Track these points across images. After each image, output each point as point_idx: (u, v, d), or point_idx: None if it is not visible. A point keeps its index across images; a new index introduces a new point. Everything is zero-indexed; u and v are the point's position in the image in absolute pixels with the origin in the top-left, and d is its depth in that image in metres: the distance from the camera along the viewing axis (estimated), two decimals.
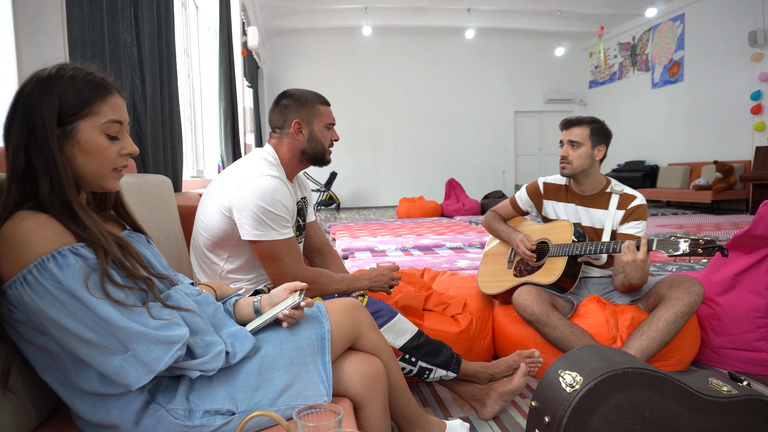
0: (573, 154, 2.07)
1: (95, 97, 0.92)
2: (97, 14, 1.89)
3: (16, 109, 0.89)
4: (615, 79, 10.97)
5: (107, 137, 0.94)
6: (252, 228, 1.49)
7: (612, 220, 2.07)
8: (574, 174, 2.10)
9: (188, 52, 4.87)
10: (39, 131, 0.88)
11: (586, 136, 2.07)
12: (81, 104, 0.91)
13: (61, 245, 0.85)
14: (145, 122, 2.43)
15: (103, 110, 0.93)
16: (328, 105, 1.72)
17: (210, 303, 1.07)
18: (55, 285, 0.83)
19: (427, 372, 1.62)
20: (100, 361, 0.86)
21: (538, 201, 2.27)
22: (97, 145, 0.93)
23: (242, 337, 1.01)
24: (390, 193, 11.41)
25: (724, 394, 1.11)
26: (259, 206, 1.47)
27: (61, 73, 0.91)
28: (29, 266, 0.83)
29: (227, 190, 1.53)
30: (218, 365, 0.95)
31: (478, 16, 9.97)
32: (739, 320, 1.99)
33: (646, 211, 2.06)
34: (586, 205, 2.14)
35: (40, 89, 0.89)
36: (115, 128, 0.95)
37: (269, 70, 10.83)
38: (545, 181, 2.26)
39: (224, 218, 1.54)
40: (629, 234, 2.02)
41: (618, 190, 2.10)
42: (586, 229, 2.12)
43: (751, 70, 7.72)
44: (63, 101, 0.89)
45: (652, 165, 9.59)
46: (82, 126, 0.91)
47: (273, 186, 1.50)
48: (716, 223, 6.38)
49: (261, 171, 1.53)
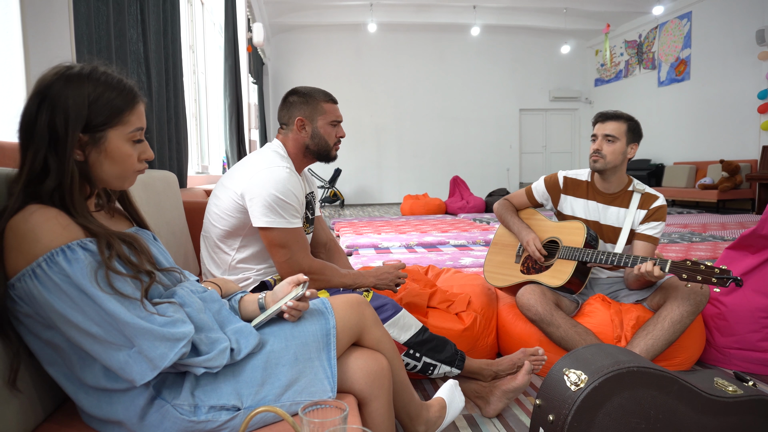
0: (607, 149, 2.02)
1: (126, 107, 0.94)
2: (103, 10, 1.90)
3: (41, 108, 0.88)
4: (621, 77, 10.92)
5: (132, 143, 0.97)
6: (262, 215, 1.54)
7: (632, 218, 2.03)
8: (605, 169, 2.04)
9: (194, 49, 4.88)
10: (60, 137, 0.88)
11: (622, 132, 2.03)
12: (112, 115, 0.92)
13: (71, 239, 0.86)
14: (151, 118, 2.44)
15: (131, 119, 0.96)
16: (334, 102, 1.74)
17: (215, 300, 1.07)
18: (63, 279, 0.83)
19: (432, 368, 1.62)
20: (105, 356, 0.86)
21: (556, 195, 2.22)
22: (124, 153, 0.96)
23: (247, 333, 1.02)
24: (394, 190, 11.41)
25: (730, 394, 1.11)
26: (271, 194, 1.53)
27: (93, 76, 0.91)
28: (38, 260, 0.83)
29: (241, 180, 1.58)
30: (223, 362, 0.95)
31: (483, 13, 9.94)
32: (744, 320, 1.99)
33: (666, 212, 2.03)
34: (607, 203, 2.10)
35: (68, 92, 0.88)
36: (139, 135, 0.98)
37: (274, 66, 10.83)
38: (566, 176, 2.20)
39: (237, 207, 1.59)
40: (647, 234, 1.99)
41: (640, 189, 2.06)
42: (604, 227, 2.08)
43: (758, 68, 7.66)
44: (94, 110, 0.90)
45: (657, 164, 9.55)
46: (111, 135, 0.93)
47: (285, 176, 1.56)
48: (722, 223, 6.35)
49: (274, 162, 1.60)
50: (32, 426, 0.93)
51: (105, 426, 0.94)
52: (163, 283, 1.00)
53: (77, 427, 0.97)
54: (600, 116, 2.09)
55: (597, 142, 2.05)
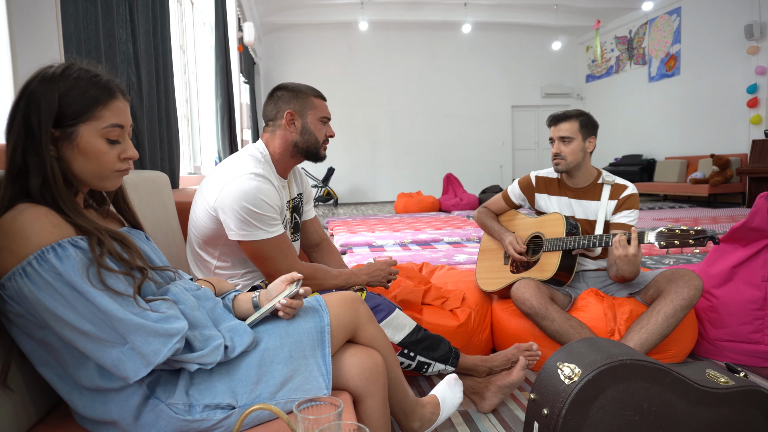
0: (566, 150, 2.06)
1: (98, 102, 0.92)
2: (91, 10, 1.88)
3: (18, 107, 0.89)
4: (612, 73, 10.96)
5: (107, 141, 0.94)
6: (238, 229, 1.47)
7: (605, 210, 2.07)
8: (568, 169, 2.09)
9: (184, 48, 4.85)
10: (35, 133, 0.88)
11: (576, 130, 2.06)
12: (83, 108, 0.91)
13: (61, 237, 0.85)
14: (142, 119, 2.43)
15: (105, 115, 0.93)
16: (323, 99, 1.69)
17: (209, 298, 1.07)
18: (54, 277, 0.82)
19: (426, 366, 1.63)
20: (98, 353, 0.86)
21: (531, 194, 2.27)
22: (96, 149, 0.93)
23: (241, 331, 1.01)
24: (388, 188, 11.40)
25: (722, 385, 1.12)
26: (242, 206, 1.45)
27: (66, 73, 0.91)
28: (29, 258, 0.83)
29: (213, 190, 1.51)
30: (216, 359, 0.95)
31: (474, 10, 9.95)
32: (736, 312, 2.00)
33: (638, 200, 2.07)
34: (578, 198, 2.14)
35: (42, 89, 0.88)
36: (115, 132, 0.95)
37: (266, 66, 10.79)
38: (537, 175, 2.26)
39: (211, 218, 1.52)
40: (622, 223, 2.02)
41: (609, 181, 2.10)
42: (579, 221, 2.12)
43: (747, 63, 7.72)
44: (64, 104, 0.89)
45: (649, 159, 9.60)
46: (83, 130, 0.91)
47: (255, 185, 1.47)
48: (713, 217, 6.40)
49: (244, 170, 1.50)
50: (25, 428, 0.93)
51: (99, 427, 0.94)
52: (156, 281, 1.00)
53: (71, 429, 0.96)
54: (552, 119, 2.13)
55: (555, 145, 2.10)
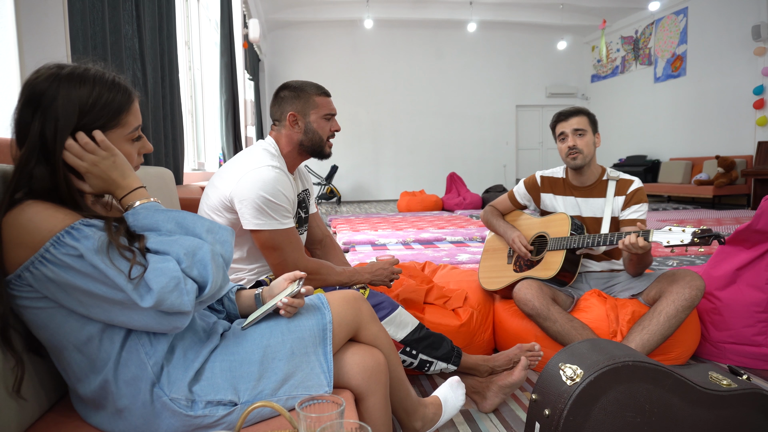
0: (581, 143, 2.04)
1: (122, 109, 0.92)
2: (98, 5, 1.89)
3: (35, 116, 0.86)
4: (617, 74, 10.92)
5: (131, 142, 0.96)
6: (253, 217, 1.51)
7: (611, 206, 2.06)
8: (585, 163, 2.06)
9: (189, 45, 4.86)
10: (49, 144, 0.87)
11: (587, 124, 2.06)
12: (109, 118, 0.91)
13: (72, 222, 0.85)
14: (147, 115, 2.43)
15: (129, 120, 0.94)
16: (327, 96, 1.70)
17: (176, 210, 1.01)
18: (75, 258, 0.82)
19: (428, 365, 1.63)
20: (136, 317, 0.85)
21: (536, 194, 2.27)
22: (126, 154, 0.95)
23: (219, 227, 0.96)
24: (391, 186, 11.40)
25: (724, 387, 1.11)
26: (260, 196, 1.49)
27: (84, 77, 0.89)
28: (45, 245, 0.82)
29: (229, 182, 1.55)
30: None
31: (480, 9, 9.92)
32: (739, 315, 2.00)
33: (645, 193, 2.06)
34: (584, 196, 2.13)
35: (60, 96, 0.86)
36: (138, 133, 0.97)
37: (270, 62, 10.79)
38: (542, 175, 2.26)
39: (226, 209, 1.56)
40: (633, 219, 2.01)
41: (614, 176, 2.09)
42: (586, 219, 2.12)
43: (754, 64, 7.68)
44: (86, 113, 0.88)
45: (653, 159, 9.57)
46: (110, 138, 0.92)
47: (274, 176, 1.52)
48: (717, 218, 6.37)
49: (262, 162, 1.55)
50: (28, 422, 0.93)
51: (103, 417, 0.94)
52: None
53: (75, 422, 0.97)
54: (561, 115, 2.11)
55: (569, 139, 2.07)
